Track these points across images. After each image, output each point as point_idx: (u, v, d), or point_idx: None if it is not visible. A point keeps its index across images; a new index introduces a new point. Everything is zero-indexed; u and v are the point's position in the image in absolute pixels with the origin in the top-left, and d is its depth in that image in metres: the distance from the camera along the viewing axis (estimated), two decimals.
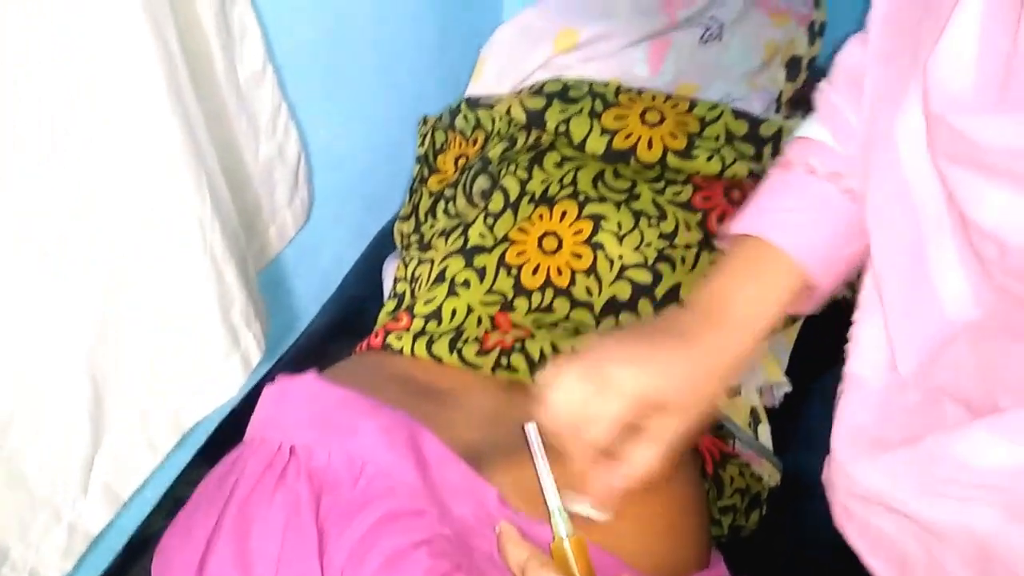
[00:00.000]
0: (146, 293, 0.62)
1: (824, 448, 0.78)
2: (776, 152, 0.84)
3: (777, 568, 0.67)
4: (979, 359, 0.41)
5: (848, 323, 0.85)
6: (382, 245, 0.96)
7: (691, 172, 0.80)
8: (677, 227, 0.75)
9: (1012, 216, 0.37)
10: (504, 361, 0.67)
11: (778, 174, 0.54)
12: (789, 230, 0.52)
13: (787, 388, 0.75)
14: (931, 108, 0.39)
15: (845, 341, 0.84)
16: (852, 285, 0.83)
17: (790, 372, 0.76)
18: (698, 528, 0.60)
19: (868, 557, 0.50)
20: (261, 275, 0.80)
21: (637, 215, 0.74)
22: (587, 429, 0.49)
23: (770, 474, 0.71)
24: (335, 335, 0.86)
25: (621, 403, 0.48)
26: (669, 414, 0.49)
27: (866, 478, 0.47)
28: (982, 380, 0.41)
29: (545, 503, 0.53)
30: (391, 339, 0.72)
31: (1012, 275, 0.38)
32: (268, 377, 0.62)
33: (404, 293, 0.81)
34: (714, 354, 0.50)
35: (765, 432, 0.72)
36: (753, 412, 0.72)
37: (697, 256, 0.75)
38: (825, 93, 0.53)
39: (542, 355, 0.67)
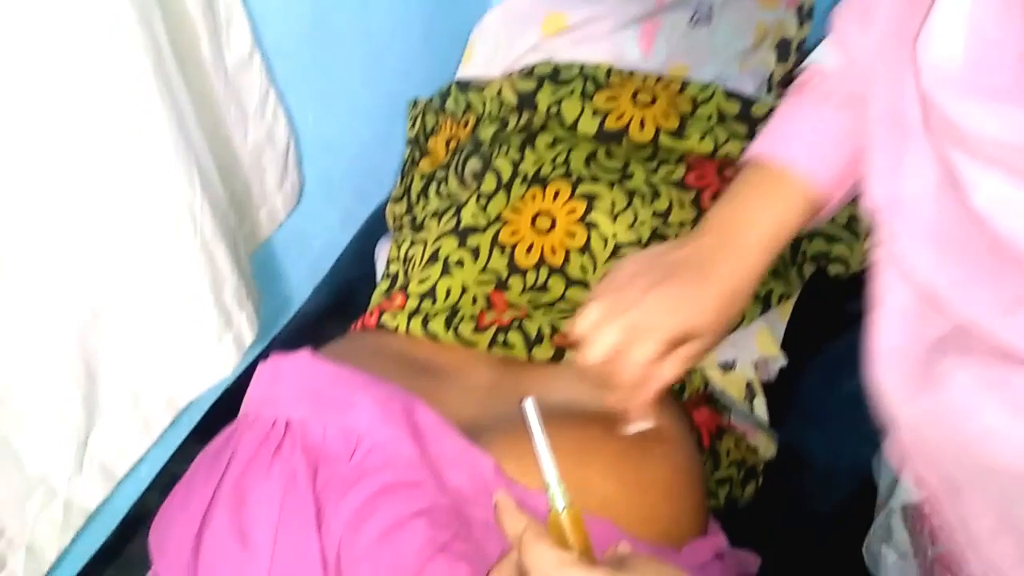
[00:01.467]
0: (137, 275, 0.62)
1: (821, 421, 0.79)
2: None
3: (772, 539, 0.67)
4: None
5: (844, 300, 0.86)
6: (374, 228, 0.96)
7: (684, 152, 0.80)
8: (671, 206, 0.75)
9: (1000, 204, 0.37)
10: (501, 338, 0.67)
11: (796, 99, 0.55)
12: (808, 154, 0.53)
13: (782, 362, 0.75)
14: (922, 86, 0.39)
15: (841, 315, 0.84)
16: (846, 261, 0.84)
17: (785, 346, 0.76)
18: (695, 495, 0.61)
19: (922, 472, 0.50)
20: (253, 258, 0.80)
21: (631, 194, 0.74)
22: (627, 370, 0.53)
23: (765, 446, 0.72)
24: (328, 317, 0.86)
25: (655, 346, 0.52)
26: (696, 339, 0.54)
27: (899, 413, 0.47)
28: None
29: (543, 476, 0.53)
30: (386, 318, 0.71)
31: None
32: (262, 357, 0.62)
33: (397, 273, 0.81)
34: (732, 281, 0.53)
35: (761, 405, 0.72)
36: (749, 386, 0.72)
37: None
38: (841, 17, 0.54)
39: (540, 333, 0.67)
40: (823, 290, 0.79)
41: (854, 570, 0.65)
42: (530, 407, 0.54)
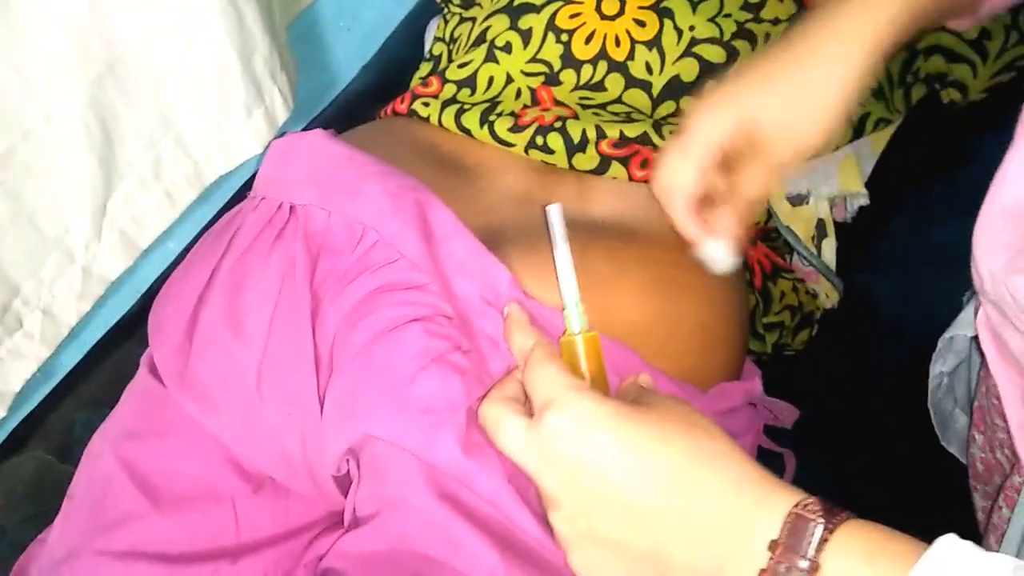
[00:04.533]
0: (154, 30, 0.57)
1: (898, 272, 0.70)
2: None
3: (818, 392, 0.62)
4: None
5: (957, 138, 0.73)
6: (434, 2, 0.86)
7: None
8: None
9: None
10: (540, 140, 0.59)
11: None
12: None
13: (864, 200, 0.65)
14: None
15: (947, 157, 0.72)
16: (964, 87, 0.70)
17: (872, 183, 0.66)
18: (732, 336, 0.55)
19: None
20: (292, 28, 0.73)
21: None
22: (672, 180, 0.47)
23: (828, 294, 0.64)
24: (374, 100, 0.79)
25: (728, 117, 0.45)
26: (771, 140, 0.44)
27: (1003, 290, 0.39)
28: None
29: (560, 293, 0.48)
30: (417, 105, 0.64)
31: None
32: None
33: (441, 55, 0.73)
34: (828, 64, 0.42)
35: (830, 248, 0.64)
36: (820, 224, 0.63)
37: None
38: None
39: (584, 138, 0.59)
40: (930, 121, 0.66)
41: (912, 430, 0.60)
42: (555, 214, 0.48)
